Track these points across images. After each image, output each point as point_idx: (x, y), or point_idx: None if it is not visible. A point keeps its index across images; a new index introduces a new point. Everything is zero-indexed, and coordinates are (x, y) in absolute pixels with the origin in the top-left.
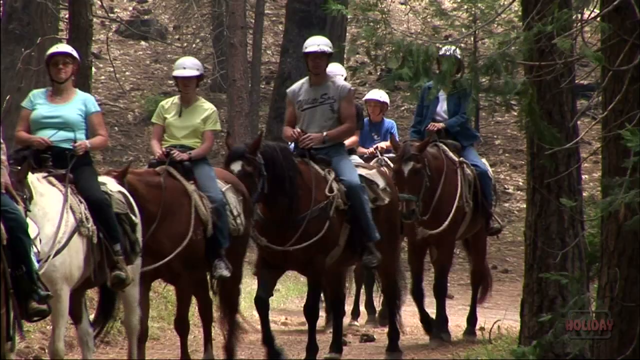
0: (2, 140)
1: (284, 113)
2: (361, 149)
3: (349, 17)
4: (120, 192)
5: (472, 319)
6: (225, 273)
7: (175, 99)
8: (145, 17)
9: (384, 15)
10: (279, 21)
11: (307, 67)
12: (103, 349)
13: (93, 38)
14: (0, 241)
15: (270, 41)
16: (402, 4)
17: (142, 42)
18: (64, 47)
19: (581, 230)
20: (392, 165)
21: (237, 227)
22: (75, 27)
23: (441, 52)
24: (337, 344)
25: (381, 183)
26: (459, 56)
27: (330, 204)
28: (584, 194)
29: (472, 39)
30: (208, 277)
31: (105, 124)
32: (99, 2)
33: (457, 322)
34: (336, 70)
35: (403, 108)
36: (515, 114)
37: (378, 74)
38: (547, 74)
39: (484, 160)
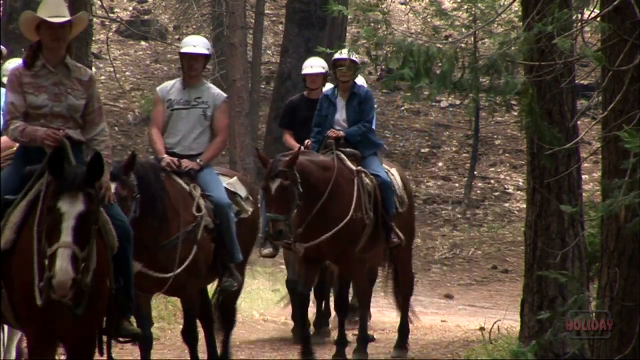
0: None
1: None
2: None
3: (349, 17)
4: None
5: (404, 329)
6: None
7: None
8: (145, 17)
9: (384, 16)
10: (279, 21)
11: (182, 67)
12: None
13: (93, 38)
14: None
15: (270, 41)
16: (402, 4)
17: (142, 42)
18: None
19: (581, 230)
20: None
21: None
22: None
23: (337, 56)
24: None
25: (243, 192)
26: (357, 61)
27: (198, 225)
28: (583, 194)
29: (472, 39)
30: None
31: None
32: (99, 2)
33: (457, 322)
34: (319, 63)
35: (403, 108)
36: (515, 114)
37: (378, 74)
38: (547, 74)
39: (393, 169)
